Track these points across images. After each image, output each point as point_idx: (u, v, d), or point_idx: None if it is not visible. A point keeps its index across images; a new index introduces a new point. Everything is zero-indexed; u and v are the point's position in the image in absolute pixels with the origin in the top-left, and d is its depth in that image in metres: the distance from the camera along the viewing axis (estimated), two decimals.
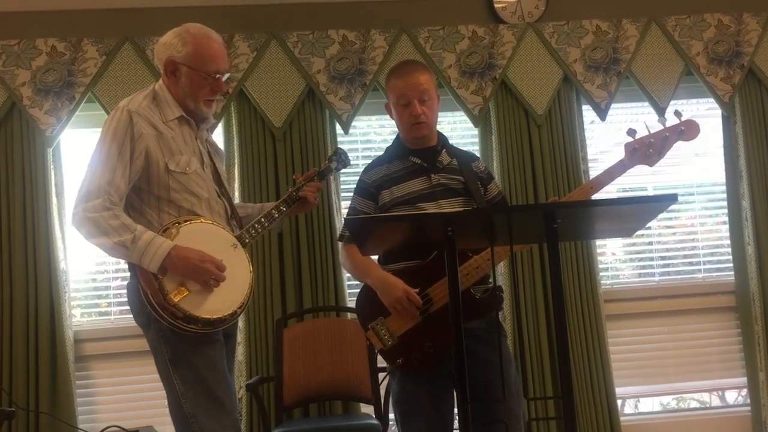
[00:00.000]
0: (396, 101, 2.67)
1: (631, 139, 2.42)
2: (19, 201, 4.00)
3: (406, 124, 2.66)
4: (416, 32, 4.29)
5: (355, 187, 2.76)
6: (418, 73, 2.65)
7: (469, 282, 2.48)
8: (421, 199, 2.62)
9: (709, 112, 4.57)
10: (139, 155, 2.37)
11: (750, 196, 4.35)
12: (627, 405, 4.51)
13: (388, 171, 2.69)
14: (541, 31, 4.35)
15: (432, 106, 2.66)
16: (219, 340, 2.44)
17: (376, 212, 2.67)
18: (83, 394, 4.10)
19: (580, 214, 2.07)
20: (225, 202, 2.55)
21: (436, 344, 2.50)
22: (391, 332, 2.54)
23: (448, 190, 2.64)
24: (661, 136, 2.43)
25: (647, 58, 4.38)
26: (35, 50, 4.07)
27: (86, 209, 2.32)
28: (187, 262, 2.31)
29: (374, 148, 4.48)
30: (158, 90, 2.50)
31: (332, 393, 3.88)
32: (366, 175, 2.74)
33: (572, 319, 4.17)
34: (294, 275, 4.09)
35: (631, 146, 2.43)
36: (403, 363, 2.53)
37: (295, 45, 4.22)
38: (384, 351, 2.55)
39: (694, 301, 4.46)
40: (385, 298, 2.53)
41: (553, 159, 4.28)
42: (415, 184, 2.64)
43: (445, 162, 2.69)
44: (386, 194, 2.66)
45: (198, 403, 2.35)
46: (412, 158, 2.68)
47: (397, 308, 2.51)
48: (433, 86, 2.68)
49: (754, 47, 4.42)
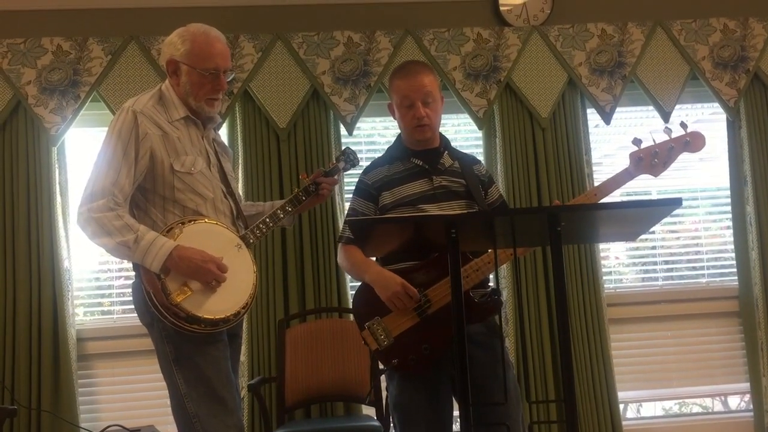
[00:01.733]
0: (399, 102, 2.65)
1: (636, 148, 2.41)
2: (23, 199, 4.01)
3: (408, 125, 2.65)
4: (421, 34, 4.29)
5: (355, 188, 2.74)
6: (422, 74, 2.63)
7: (468, 285, 2.46)
8: (423, 200, 2.60)
9: (714, 116, 4.56)
10: (143, 155, 2.38)
11: (754, 201, 4.34)
12: (629, 409, 4.51)
13: (389, 172, 2.68)
14: (546, 34, 4.34)
15: (435, 108, 2.65)
16: (223, 340, 2.44)
17: (376, 214, 2.65)
18: (85, 393, 4.10)
19: (583, 217, 2.06)
20: (231, 203, 2.55)
21: (433, 346, 2.48)
22: (387, 332, 2.51)
23: (450, 192, 2.63)
24: (666, 146, 2.42)
25: (652, 62, 4.38)
26: (41, 49, 4.07)
27: (91, 209, 2.33)
28: (189, 262, 2.31)
29: (378, 150, 4.48)
30: (164, 90, 2.51)
31: (334, 394, 3.88)
32: (366, 176, 2.72)
33: (575, 322, 4.17)
34: (297, 276, 4.09)
35: (636, 155, 2.42)
36: (398, 364, 2.50)
37: (300, 46, 4.22)
38: (379, 351, 2.52)
39: (698, 306, 4.45)
40: (382, 293, 2.50)
41: (557, 162, 4.27)
42: (416, 185, 2.63)
43: (447, 164, 2.68)
44: (387, 195, 2.64)
45: (201, 403, 2.35)
46: (414, 160, 2.67)
47: (395, 302, 2.47)
48: (437, 88, 2.67)
49: (760, 52, 4.41)
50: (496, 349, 2.54)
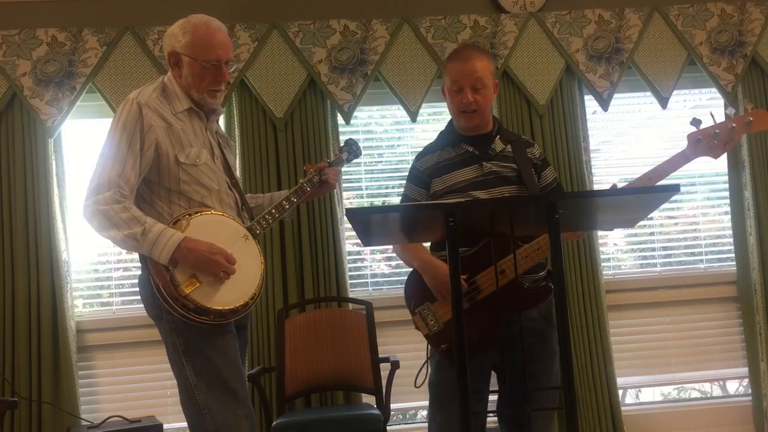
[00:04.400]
0: (449, 86, 2.62)
1: (694, 129, 2.30)
2: (20, 192, 4.00)
3: (456, 110, 2.63)
4: (418, 22, 4.27)
5: (408, 174, 2.75)
6: (475, 59, 2.59)
7: (520, 270, 2.46)
8: (473, 187, 2.59)
9: (712, 102, 4.55)
10: (149, 147, 2.37)
11: (752, 186, 4.34)
12: (628, 395, 4.52)
13: (440, 158, 2.67)
14: (543, 20, 4.33)
15: (486, 94, 2.60)
16: (231, 331, 2.44)
17: (426, 200, 2.64)
18: (85, 385, 4.11)
19: (581, 204, 2.06)
20: (235, 194, 2.55)
21: (482, 331, 2.49)
22: (437, 318, 2.56)
23: (501, 178, 2.61)
24: (727, 127, 2.30)
25: (650, 48, 4.36)
26: (36, 40, 4.06)
27: (97, 202, 2.32)
28: (197, 254, 2.31)
29: (375, 139, 4.48)
30: (167, 82, 2.50)
31: (334, 383, 3.89)
32: (418, 162, 2.72)
33: (574, 309, 4.17)
34: (296, 266, 4.09)
35: (695, 137, 2.31)
36: (447, 348, 2.53)
37: (296, 35, 4.20)
38: (429, 336, 2.57)
39: (696, 292, 4.46)
40: (430, 282, 2.55)
41: (555, 149, 4.27)
42: (466, 172, 2.61)
43: (498, 149, 2.65)
44: (438, 182, 2.64)
45: (211, 394, 2.35)
46: (464, 145, 2.65)
47: (442, 292, 2.52)
48: (490, 74, 2.62)
49: (757, 37, 4.39)
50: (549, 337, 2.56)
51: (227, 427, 2.33)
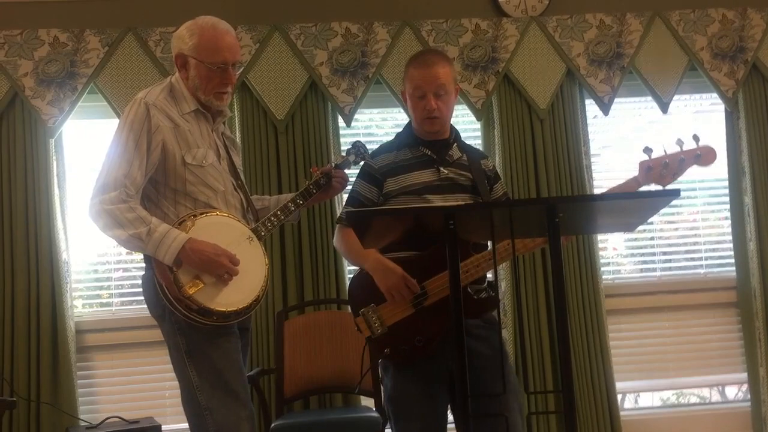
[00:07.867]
0: (412, 92, 2.61)
1: (646, 156, 2.41)
2: (21, 192, 4.00)
3: (419, 116, 2.61)
4: (419, 25, 4.28)
5: (360, 171, 2.70)
6: (437, 65, 2.58)
7: (466, 280, 2.44)
8: (429, 190, 2.57)
9: (713, 107, 4.56)
10: (155, 148, 2.37)
11: (752, 192, 4.34)
12: (627, 400, 4.52)
13: (396, 159, 2.64)
14: (544, 24, 4.33)
15: (448, 100, 2.61)
16: (234, 332, 2.44)
17: (378, 199, 2.62)
18: (84, 385, 4.11)
19: (581, 208, 2.06)
20: (241, 195, 2.55)
21: (426, 338, 2.46)
22: (382, 321, 2.48)
23: (455, 185, 2.61)
24: (677, 158, 2.41)
25: (651, 53, 4.37)
26: (37, 41, 4.06)
27: (102, 201, 2.32)
28: (201, 255, 2.31)
29: (376, 141, 4.45)
30: (174, 83, 2.50)
31: (333, 385, 3.89)
32: (373, 160, 2.68)
33: (573, 313, 4.17)
34: (295, 268, 4.09)
35: (646, 165, 2.42)
36: (390, 353, 2.48)
37: (298, 37, 4.21)
38: (372, 339, 2.50)
39: (696, 297, 4.46)
40: (381, 282, 2.46)
41: (555, 153, 4.27)
42: (422, 175, 2.59)
43: (455, 156, 2.65)
44: (392, 182, 2.61)
45: (213, 395, 2.35)
46: (422, 148, 2.63)
47: (393, 294, 2.45)
48: (452, 79, 2.62)
49: (758, 42, 4.40)
50: (493, 341, 2.53)
51: (228, 428, 2.33)
